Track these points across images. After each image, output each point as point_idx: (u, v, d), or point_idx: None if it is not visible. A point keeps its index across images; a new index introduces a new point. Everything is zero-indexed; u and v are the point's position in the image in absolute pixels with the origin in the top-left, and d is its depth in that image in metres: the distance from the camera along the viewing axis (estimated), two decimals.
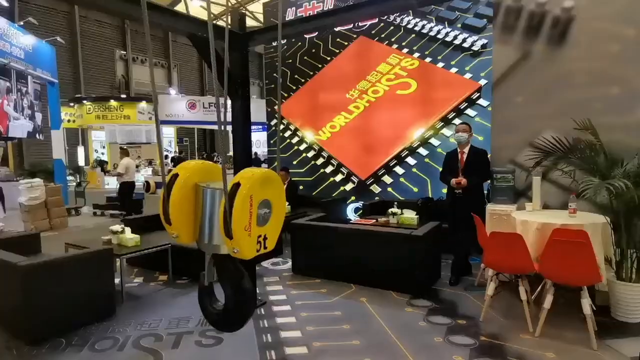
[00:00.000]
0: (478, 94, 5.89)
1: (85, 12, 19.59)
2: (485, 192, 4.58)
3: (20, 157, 15.72)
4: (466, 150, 4.30)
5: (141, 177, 17.03)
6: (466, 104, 6.01)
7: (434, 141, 6.34)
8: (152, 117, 18.60)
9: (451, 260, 4.41)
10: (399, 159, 6.68)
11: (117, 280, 3.83)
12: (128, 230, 4.28)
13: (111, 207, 9.52)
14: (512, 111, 4.35)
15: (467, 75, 5.99)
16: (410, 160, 6.58)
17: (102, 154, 19.64)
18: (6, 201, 8.85)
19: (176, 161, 17.48)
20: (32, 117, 10.50)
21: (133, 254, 4.00)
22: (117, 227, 4.21)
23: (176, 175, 1.41)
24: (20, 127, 9.91)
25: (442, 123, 6.24)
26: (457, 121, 5.93)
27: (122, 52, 21.68)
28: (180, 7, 18.07)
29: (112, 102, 17.88)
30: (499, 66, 4.43)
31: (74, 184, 12.60)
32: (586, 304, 2.86)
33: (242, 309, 1.58)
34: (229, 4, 18.30)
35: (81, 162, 18.88)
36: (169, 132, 21.23)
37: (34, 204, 7.52)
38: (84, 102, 17.87)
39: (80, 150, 19.61)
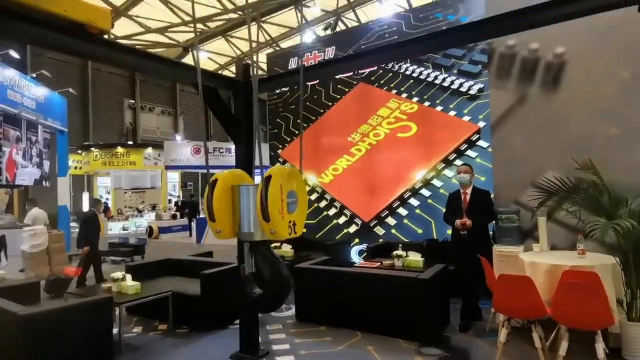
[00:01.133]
0: (477, 136, 5.99)
1: (98, 65, 20.51)
2: (491, 232, 4.53)
3: (25, 204, 15.81)
4: (469, 191, 4.30)
5: (144, 222, 17.03)
6: (466, 145, 6.09)
7: (436, 182, 6.37)
8: (157, 163, 18.90)
9: (460, 305, 4.27)
10: (402, 201, 6.67)
11: (115, 330, 3.71)
12: (129, 277, 4.21)
13: (113, 254, 9.44)
14: (512, 152, 4.41)
15: (466, 118, 6.12)
16: (414, 202, 6.57)
17: (107, 200, 19.76)
18: (9, 248, 8.81)
19: (187, 204, 17.57)
20: (40, 164, 10.69)
21: (133, 303, 3.91)
22: (118, 274, 4.15)
23: (216, 180, 1.70)
24: (27, 175, 10.06)
25: (444, 164, 6.30)
26: (458, 162, 5.98)
27: (131, 101, 22.43)
28: (188, 58, 18.91)
29: (119, 149, 18.26)
30: (497, 109, 4.54)
31: (77, 230, 12.57)
32: (600, 349, 2.74)
33: (281, 289, 1.78)
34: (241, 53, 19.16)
35: (85, 208, 18.95)
36: (173, 177, 21.46)
37: (35, 251, 7.46)
38: (92, 149, 18.25)
39: (85, 197, 19.75)
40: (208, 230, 13.34)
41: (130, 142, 20.22)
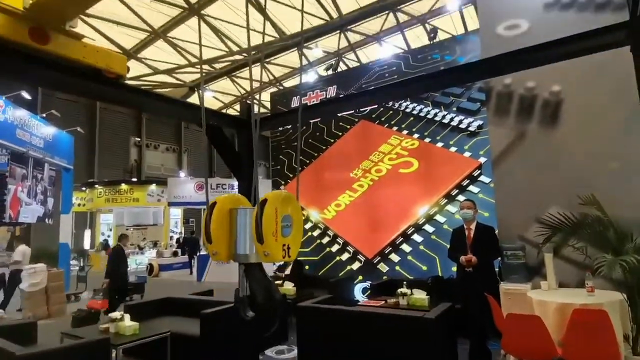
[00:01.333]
0: (479, 171, 6.02)
1: (106, 104, 21.07)
2: (497, 269, 4.45)
3: (26, 241, 15.73)
4: (473, 226, 4.27)
5: (145, 259, 16.83)
6: (468, 181, 6.11)
7: (440, 218, 6.33)
8: (160, 199, 18.96)
9: (468, 346, 4.12)
10: (406, 237, 6.61)
11: None
12: (127, 317, 4.12)
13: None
14: (515, 187, 4.41)
15: (467, 154, 6.18)
16: (417, 238, 6.51)
17: (109, 236, 19.67)
18: (9, 287, 8.67)
19: (187, 241, 17.44)
20: (44, 202, 10.74)
21: (131, 344, 3.80)
22: (117, 314, 4.06)
23: (215, 203, 1.74)
24: (31, 212, 10.09)
25: (446, 200, 6.29)
26: (460, 198, 5.97)
27: (137, 138, 22.85)
28: (194, 98, 19.44)
29: (123, 186, 18.39)
30: (497, 145, 4.60)
31: (77, 267, 12.44)
32: None
33: (273, 312, 1.84)
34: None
35: (87, 245, 18.85)
36: (176, 213, 21.45)
37: (34, 290, 7.36)
38: (96, 186, 18.39)
39: (87, 234, 19.69)
40: (209, 268, 13.16)
41: (135, 179, 20.39)
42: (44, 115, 12.26)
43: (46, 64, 2.56)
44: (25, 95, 11.58)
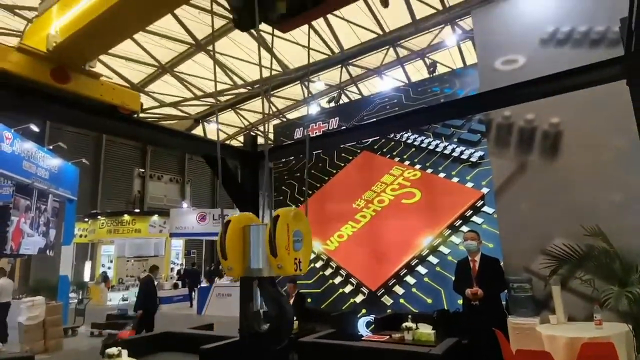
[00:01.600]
0: (482, 202, 6.00)
1: (113, 137, 21.43)
2: (504, 302, 4.35)
3: (26, 273, 15.58)
4: (477, 258, 4.22)
5: None
6: (471, 211, 6.08)
7: (444, 249, 6.26)
8: (162, 230, 18.88)
9: None
10: (410, 268, 6.51)
11: None
12: (125, 353, 4.01)
13: (110, 326, 9.08)
14: (518, 218, 4.39)
15: (469, 184, 6.18)
16: (421, 269, 6.41)
17: (109, 268, 19.46)
18: (8, 320, 8.52)
19: (189, 273, 17.22)
20: (46, 233, 10.72)
21: None
22: (114, 350, 3.96)
23: (229, 221, 1.84)
24: (32, 244, 10.05)
25: (450, 231, 6.24)
26: (464, 229, 5.93)
27: (141, 170, 23.04)
28: (198, 129, 19.76)
29: (126, 217, 18.37)
30: (498, 176, 4.62)
31: (76, 300, 12.24)
32: None
33: (285, 325, 1.88)
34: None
35: (87, 277, 18.61)
36: (177, 244, 21.29)
37: (32, 323, 7.23)
38: (99, 217, 18.38)
39: (87, 265, 19.49)
40: (209, 301, 12.93)
41: (137, 210, 20.40)
42: (51, 147, 12.47)
43: (65, 103, 2.67)
44: (34, 128, 11.83)
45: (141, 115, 3.54)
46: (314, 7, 2.00)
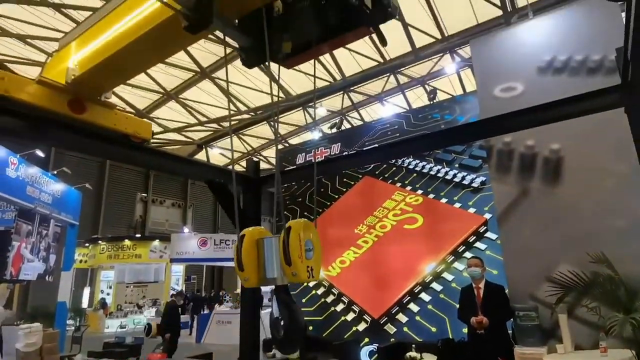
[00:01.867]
0: (485, 227, 5.96)
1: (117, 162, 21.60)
2: (510, 331, 4.25)
3: (24, 298, 15.38)
4: (482, 285, 4.16)
5: (144, 318, 16.27)
6: (474, 237, 6.03)
7: (447, 275, 6.17)
8: (162, 256, 18.73)
9: None
10: (413, 295, 6.40)
11: None
12: None
13: (107, 355, 8.86)
14: (522, 244, 4.35)
15: (471, 210, 6.16)
16: (425, 297, 6.30)
17: (108, 294, 19.19)
18: (5, 345, 8.36)
19: (192, 299, 16.99)
20: (46, 259, 10.64)
21: None
22: None
23: (244, 235, 1.97)
24: (32, 269, 9.95)
25: (453, 257, 6.17)
26: (467, 255, 5.86)
27: (143, 194, 23.09)
28: (201, 154, 19.95)
29: (126, 242, 18.28)
30: (501, 202, 4.61)
31: (73, 328, 12.02)
32: None
33: (298, 333, 2.01)
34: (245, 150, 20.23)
35: (85, 303, 18.34)
36: (178, 269, 21.07)
37: (29, 350, 7.09)
38: (99, 242, 18.28)
39: (86, 291, 19.24)
40: (209, 328, 12.67)
41: (138, 235, 20.32)
42: (55, 172, 12.56)
43: (81, 131, 2.78)
44: (40, 153, 11.96)
45: None
46: (317, 45, 2.14)
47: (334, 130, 10.79)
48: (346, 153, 7.71)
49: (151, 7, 2.21)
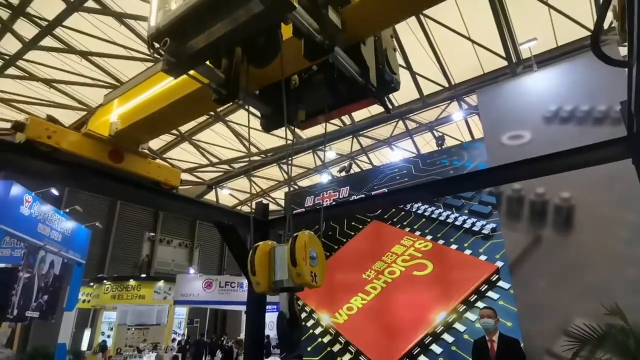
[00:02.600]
0: (497, 276, 5.80)
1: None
2: None
3: (25, 338, 15.05)
4: (495, 338, 3.99)
5: None
6: (486, 286, 5.86)
7: (459, 326, 5.93)
8: (167, 297, 18.39)
9: None
10: (423, 347, 6.13)
11: None
12: None
13: None
14: (536, 296, 4.22)
15: (482, 257, 6.03)
16: (436, 349, 6.03)
17: (108, 336, 18.70)
18: None
19: (193, 345, 16.46)
20: (50, 298, 10.54)
21: None
22: None
23: (257, 246, 2.15)
24: (36, 308, 9.85)
25: (464, 306, 5.97)
26: (480, 304, 5.67)
27: (152, 233, 23.10)
28: (211, 195, 20.13)
29: (131, 282, 18.05)
30: (513, 250, 4.53)
31: None
32: None
33: (292, 334, 2.22)
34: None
35: (84, 345, 17.84)
36: (181, 312, 20.58)
37: None
38: (104, 281, 18.10)
39: (87, 334, 18.78)
40: None
41: (144, 275, 20.10)
42: (67, 210, 12.73)
43: (116, 179, 3.06)
44: (54, 192, 12.20)
45: None
46: (330, 112, 2.43)
47: (343, 173, 10.89)
48: (355, 197, 7.73)
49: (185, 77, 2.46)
